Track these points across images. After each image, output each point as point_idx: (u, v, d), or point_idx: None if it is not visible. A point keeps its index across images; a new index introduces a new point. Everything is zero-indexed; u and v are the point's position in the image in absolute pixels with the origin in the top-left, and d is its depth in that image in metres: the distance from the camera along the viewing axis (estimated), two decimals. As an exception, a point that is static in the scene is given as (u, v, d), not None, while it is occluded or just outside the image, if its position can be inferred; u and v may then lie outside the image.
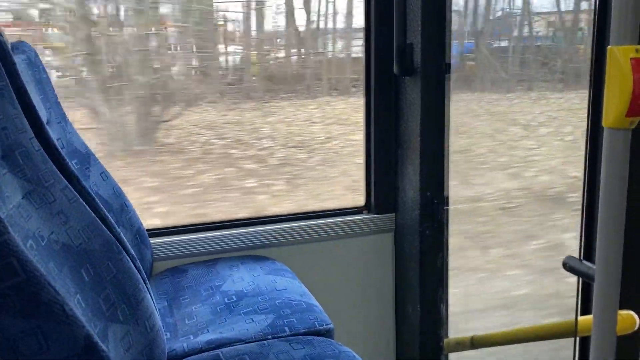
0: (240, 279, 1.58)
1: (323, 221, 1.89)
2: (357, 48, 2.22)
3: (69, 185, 1.06)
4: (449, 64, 1.70)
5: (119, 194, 1.55)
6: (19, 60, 1.31)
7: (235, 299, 1.47)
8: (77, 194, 1.07)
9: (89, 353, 0.70)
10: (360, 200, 1.98)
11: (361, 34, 1.90)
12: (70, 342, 0.70)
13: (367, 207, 1.97)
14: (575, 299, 1.38)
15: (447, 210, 1.79)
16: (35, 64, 1.40)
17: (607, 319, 1.06)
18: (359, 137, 1.98)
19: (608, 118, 1.01)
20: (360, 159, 1.99)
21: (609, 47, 0.99)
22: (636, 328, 1.22)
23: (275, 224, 1.86)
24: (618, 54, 0.98)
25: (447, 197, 1.78)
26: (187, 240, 1.77)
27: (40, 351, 0.68)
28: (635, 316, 1.22)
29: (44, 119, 1.32)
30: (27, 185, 0.95)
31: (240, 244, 1.81)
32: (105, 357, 0.71)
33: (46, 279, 0.70)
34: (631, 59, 0.97)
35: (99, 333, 0.95)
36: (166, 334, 1.35)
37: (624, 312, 1.16)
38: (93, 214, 1.07)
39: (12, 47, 1.35)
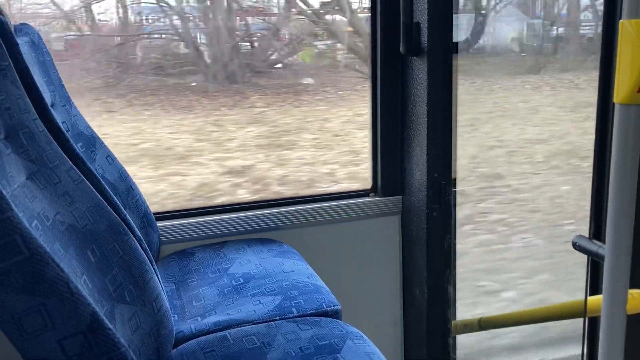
0: (248, 261, 1.58)
1: (330, 204, 1.89)
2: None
3: (74, 167, 1.06)
4: (457, 43, 1.67)
5: (125, 177, 1.54)
6: (21, 42, 1.30)
7: (242, 281, 1.47)
8: (82, 175, 1.06)
9: (94, 331, 0.70)
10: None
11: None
12: (75, 319, 0.70)
13: (374, 190, 1.96)
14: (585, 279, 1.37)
15: (455, 192, 1.78)
16: (39, 47, 1.39)
17: (617, 298, 1.05)
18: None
19: (619, 94, 0.98)
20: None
21: (621, 20, 0.97)
22: (647, 307, 1.20)
23: (283, 207, 1.86)
24: (630, 28, 0.96)
25: (455, 179, 1.77)
26: (194, 223, 1.77)
27: (45, 328, 0.68)
28: (646, 295, 1.21)
29: (48, 102, 1.32)
30: (32, 166, 0.94)
31: (248, 227, 1.81)
32: (111, 334, 0.71)
33: (50, 257, 0.69)
34: (644, 32, 0.95)
35: (106, 314, 0.95)
36: (174, 316, 1.35)
37: (634, 291, 1.15)
38: (99, 196, 1.07)
39: (15, 30, 1.35)
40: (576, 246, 1.20)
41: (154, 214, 1.62)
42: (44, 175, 0.96)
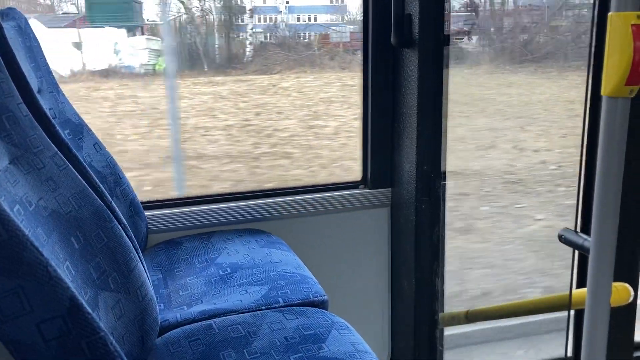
0: (235, 251, 1.57)
1: (319, 195, 1.88)
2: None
3: (59, 153, 1.05)
4: (448, 36, 1.67)
5: (112, 166, 1.53)
6: (8, 26, 1.28)
7: (229, 271, 1.47)
8: (67, 161, 1.05)
9: (73, 315, 0.70)
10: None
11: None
12: (54, 303, 0.69)
13: (363, 182, 1.95)
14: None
15: (444, 185, 1.78)
16: (26, 32, 1.37)
17: (601, 291, 1.06)
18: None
19: (607, 86, 0.99)
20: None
21: (609, 13, 0.97)
22: (630, 300, 1.21)
23: (272, 198, 1.85)
24: (618, 21, 0.96)
25: (444, 172, 1.77)
26: (182, 213, 1.76)
27: (23, 311, 0.68)
28: (630, 288, 1.22)
29: (35, 88, 1.31)
30: (15, 151, 0.93)
31: (236, 217, 1.80)
32: (90, 319, 0.71)
33: (29, 240, 0.69)
34: (632, 25, 0.95)
35: (89, 300, 0.94)
36: (160, 305, 1.35)
37: (618, 284, 1.16)
38: (83, 182, 1.06)
39: (1, 14, 1.33)
40: (562, 239, 1.20)
41: (142, 203, 1.61)
42: (27, 160, 0.95)
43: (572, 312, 1.54)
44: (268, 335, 1.17)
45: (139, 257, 1.12)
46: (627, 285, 1.23)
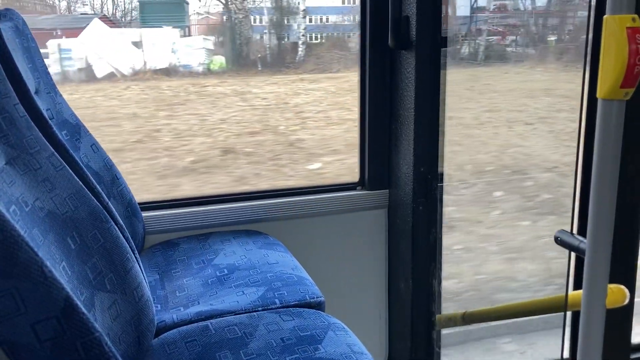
0: (232, 252, 1.57)
1: (316, 197, 1.89)
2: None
3: (56, 153, 1.05)
4: (445, 38, 1.67)
5: (110, 166, 1.53)
6: (5, 27, 1.28)
7: (226, 272, 1.47)
8: (63, 162, 1.06)
9: (68, 315, 0.70)
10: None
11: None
12: (48, 303, 0.69)
13: (361, 183, 1.96)
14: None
15: (441, 186, 1.78)
16: (23, 32, 1.38)
17: (597, 292, 1.06)
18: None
19: (602, 89, 0.99)
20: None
21: (604, 16, 0.97)
22: (626, 302, 1.22)
23: (269, 199, 1.85)
24: (614, 24, 0.96)
25: (442, 173, 1.77)
26: (179, 214, 1.76)
27: (17, 312, 0.68)
28: (626, 290, 1.22)
29: (32, 88, 1.31)
30: (11, 151, 0.93)
31: (233, 218, 1.80)
32: (85, 319, 0.71)
33: (24, 240, 0.69)
34: (627, 28, 0.95)
35: (85, 301, 0.94)
36: (157, 306, 1.35)
37: (614, 286, 1.16)
38: (80, 183, 1.06)
39: (-1, 15, 1.33)
40: (558, 241, 1.20)
41: (139, 203, 1.61)
42: (23, 160, 0.95)
43: (569, 314, 1.55)
44: (264, 336, 1.17)
45: (135, 258, 1.12)
46: (622, 287, 1.23)
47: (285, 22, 3.62)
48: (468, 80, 3.44)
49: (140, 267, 1.15)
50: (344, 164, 3.16)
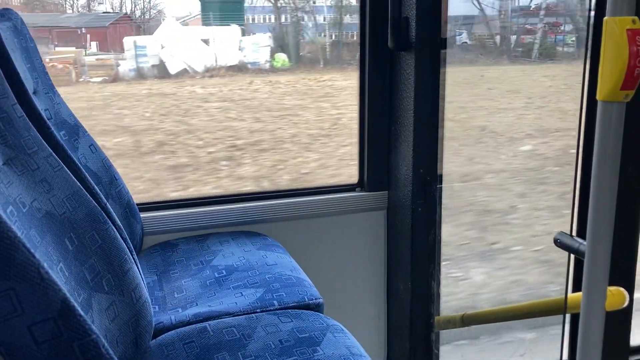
0: (231, 253, 1.57)
1: (316, 198, 1.88)
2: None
3: (54, 154, 1.04)
4: (445, 39, 1.67)
5: (108, 167, 1.53)
6: (3, 27, 1.28)
7: (225, 273, 1.46)
8: (61, 162, 1.05)
9: (65, 317, 0.69)
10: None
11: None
12: (45, 305, 0.69)
13: (360, 185, 1.95)
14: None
15: (440, 188, 1.78)
16: (22, 32, 1.37)
17: (596, 295, 1.06)
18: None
19: (602, 91, 0.99)
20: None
21: (605, 18, 0.97)
22: (626, 304, 1.21)
23: (268, 200, 1.85)
24: (614, 25, 0.96)
25: (441, 175, 1.77)
26: (178, 215, 1.76)
27: (14, 313, 0.67)
28: (625, 292, 1.22)
29: (31, 88, 1.30)
30: (9, 152, 0.93)
31: (232, 219, 1.80)
32: (82, 321, 0.70)
33: (21, 241, 0.68)
34: (627, 30, 0.95)
35: (83, 302, 0.94)
36: (155, 307, 1.34)
37: (613, 288, 1.16)
38: (78, 183, 1.05)
39: (-3, 14, 1.33)
40: (557, 243, 1.20)
41: (138, 204, 1.60)
42: (21, 161, 0.95)
43: (568, 316, 1.54)
44: (263, 338, 1.16)
45: (133, 259, 1.12)
46: (622, 289, 1.23)
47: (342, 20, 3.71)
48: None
49: (138, 268, 1.15)
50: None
